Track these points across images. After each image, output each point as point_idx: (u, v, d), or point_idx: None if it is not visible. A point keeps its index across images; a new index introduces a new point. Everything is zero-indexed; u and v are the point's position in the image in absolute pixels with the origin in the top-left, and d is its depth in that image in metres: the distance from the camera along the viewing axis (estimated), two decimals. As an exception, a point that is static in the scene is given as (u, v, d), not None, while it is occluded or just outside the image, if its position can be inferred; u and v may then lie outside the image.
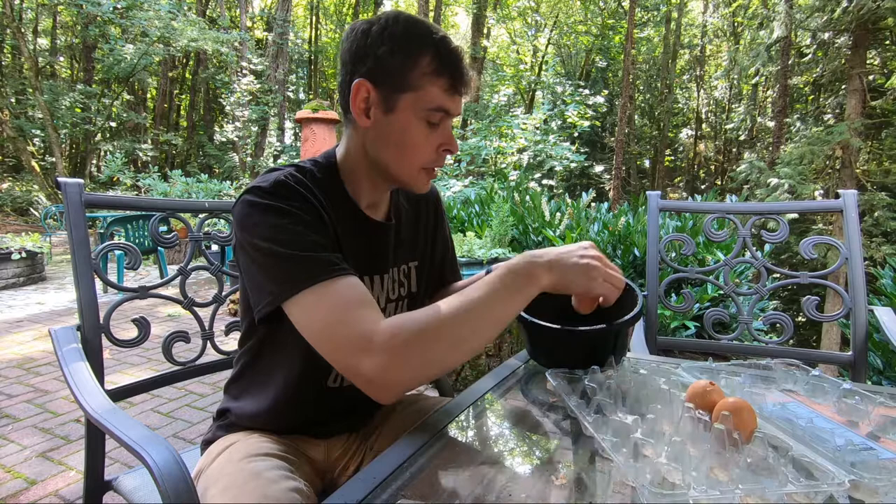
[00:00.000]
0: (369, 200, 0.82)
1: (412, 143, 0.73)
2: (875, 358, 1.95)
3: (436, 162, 0.77)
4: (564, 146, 9.29)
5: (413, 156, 0.75)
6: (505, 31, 20.88)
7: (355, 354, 0.60)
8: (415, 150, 0.74)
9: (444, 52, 0.70)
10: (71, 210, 0.95)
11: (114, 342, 1.01)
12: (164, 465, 0.62)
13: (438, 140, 0.75)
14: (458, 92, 0.73)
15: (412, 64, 0.70)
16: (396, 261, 0.87)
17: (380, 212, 0.85)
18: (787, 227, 1.47)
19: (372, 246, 0.82)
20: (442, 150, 0.76)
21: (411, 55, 0.69)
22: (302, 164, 0.78)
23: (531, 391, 0.80)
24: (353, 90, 0.72)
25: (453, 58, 0.71)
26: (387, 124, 0.73)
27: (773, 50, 9.86)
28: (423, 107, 0.71)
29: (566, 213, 3.40)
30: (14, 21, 11.54)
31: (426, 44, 0.70)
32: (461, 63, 0.72)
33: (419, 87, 0.70)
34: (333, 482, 0.85)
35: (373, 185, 0.81)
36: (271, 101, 14.96)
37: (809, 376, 0.76)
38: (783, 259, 9.26)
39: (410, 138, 0.73)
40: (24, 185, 13.68)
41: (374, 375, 0.59)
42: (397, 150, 0.74)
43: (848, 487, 0.48)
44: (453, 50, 0.71)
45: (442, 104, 0.72)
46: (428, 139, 0.74)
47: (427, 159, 0.75)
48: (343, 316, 0.61)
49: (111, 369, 2.94)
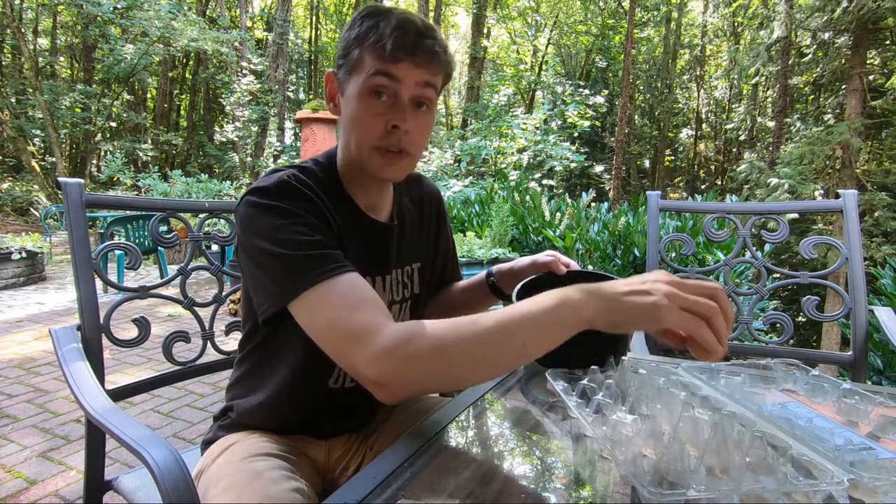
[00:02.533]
0: (367, 201, 0.81)
1: (357, 119, 0.71)
2: (875, 358, 1.95)
3: (386, 140, 0.71)
4: (564, 146, 9.29)
5: (360, 133, 0.71)
6: (505, 31, 20.88)
7: (355, 352, 0.57)
8: (360, 126, 0.71)
9: (388, 22, 0.67)
10: (71, 210, 0.95)
11: (114, 342, 1.01)
12: (164, 465, 0.62)
13: (386, 115, 0.70)
14: (399, 57, 0.67)
15: (356, 38, 0.69)
16: (399, 262, 0.87)
17: (382, 212, 0.84)
18: (787, 227, 1.47)
19: (374, 248, 0.82)
20: (391, 126, 0.70)
21: (358, 34, 0.69)
22: (304, 165, 0.77)
23: (531, 391, 0.80)
24: (325, 82, 0.75)
25: (397, 25, 0.67)
26: (344, 108, 0.73)
27: (773, 50, 9.86)
28: (364, 76, 0.68)
29: (566, 213, 3.40)
30: (14, 21, 11.53)
31: (371, 19, 0.69)
32: (405, 28, 0.67)
33: (361, 59, 0.69)
34: (334, 482, 0.85)
35: (365, 184, 0.80)
36: (271, 101, 14.95)
37: (809, 376, 0.76)
38: (783, 259, 9.26)
39: (356, 115, 0.71)
40: (24, 185, 13.68)
41: (377, 377, 0.56)
42: (350, 131, 0.73)
43: (847, 487, 0.49)
44: (399, 18, 0.68)
45: (379, 67, 0.67)
46: (374, 115, 0.70)
47: (375, 135, 0.70)
48: (345, 313, 0.59)
49: (111, 369, 2.94)
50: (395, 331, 0.57)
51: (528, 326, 0.55)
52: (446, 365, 0.56)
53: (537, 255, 0.95)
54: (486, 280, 0.98)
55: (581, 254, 2.99)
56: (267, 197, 0.67)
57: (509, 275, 0.96)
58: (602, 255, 2.94)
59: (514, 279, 0.94)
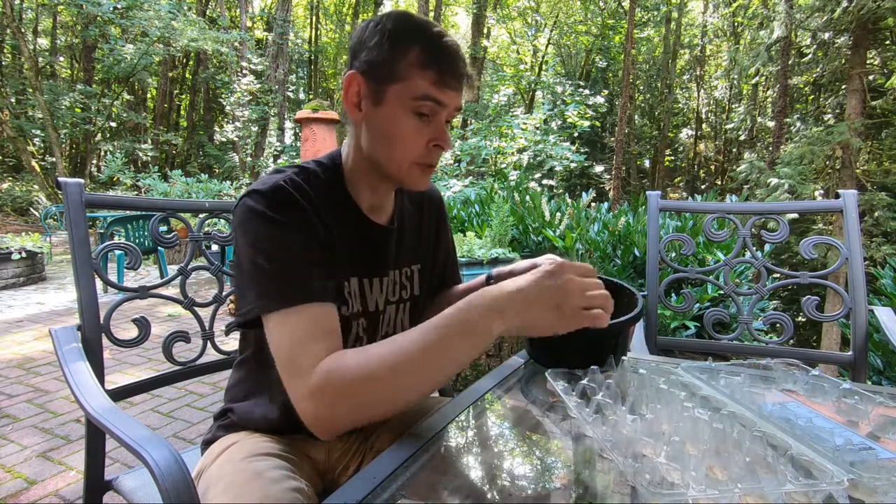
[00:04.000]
0: (371, 202, 0.82)
1: (400, 136, 0.72)
2: (875, 358, 1.95)
3: (427, 157, 0.74)
4: (564, 146, 9.29)
5: (402, 149, 0.73)
6: (505, 31, 20.88)
7: (294, 387, 0.60)
8: (403, 144, 0.73)
9: (433, 43, 0.69)
10: (71, 210, 0.95)
11: (114, 342, 1.01)
12: (164, 465, 0.62)
13: (429, 134, 0.73)
14: (447, 84, 0.71)
15: (400, 55, 0.69)
16: (398, 263, 0.87)
17: (383, 214, 0.84)
18: (787, 227, 1.47)
19: (372, 249, 0.82)
20: (433, 146, 0.74)
21: (400, 46, 0.69)
22: (306, 166, 0.78)
23: (531, 391, 0.80)
24: (346, 83, 0.72)
25: (443, 49, 0.70)
26: (377, 117, 0.73)
27: (773, 50, 9.86)
28: (411, 96, 0.70)
29: (566, 213, 3.40)
30: (14, 21, 11.53)
31: (415, 36, 0.70)
32: (452, 55, 0.70)
33: (406, 77, 0.69)
34: (334, 482, 0.85)
35: (373, 186, 0.80)
36: (271, 101, 14.95)
37: (809, 376, 0.76)
38: (783, 259, 9.26)
39: (398, 130, 0.72)
40: (24, 185, 13.68)
41: (307, 416, 0.59)
42: (387, 144, 0.73)
43: (847, 486, 0.49)
44: (444, 42, 0.70)
45: (429, 93, 0.70)
46: (417, 132, 0.72)
47: (417, 153, 0.73)
48: (294, 346, 0.61)
49: (111, 369, 2.94)
50: (323, 367, 0.59)
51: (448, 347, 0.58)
52: (375, 394, 0.58)
53: (537, 259, 0.95)
54: (485, 283, 0.98)
55: (581, 254, 2.99)
56: (262, 203, 0.67)
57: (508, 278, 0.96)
58: (602, 255, 2.94)
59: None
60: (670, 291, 2.56)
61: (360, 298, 0.81)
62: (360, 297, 0.80)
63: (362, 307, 0.81)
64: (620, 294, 0.90)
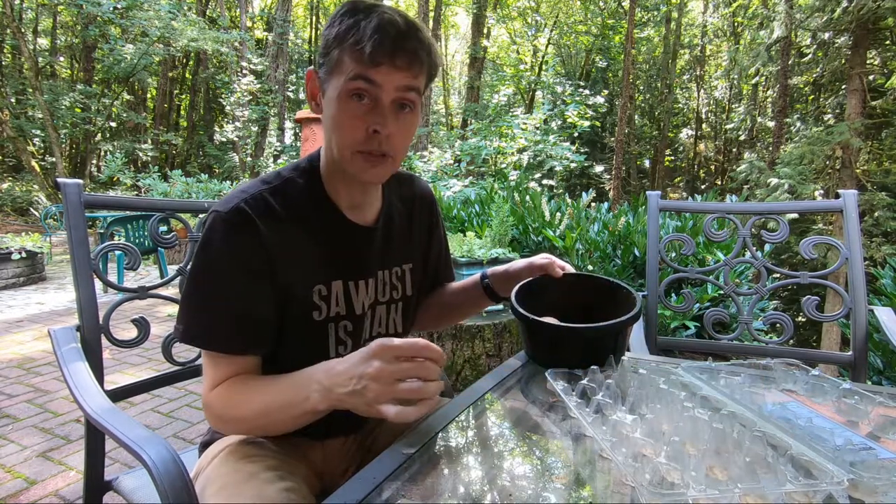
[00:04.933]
0: (349, 201, 0.80)
1: (339, 122, 0.70)
2: (875, 358, 1.95)
3: (367, 144, 0.70)
4: (564, 146, 9.29)
5: (341, 136, 0.71)
6: (505, 31, 20.88)
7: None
8: (341, 129, 0.70)
9: (367, 21, 0.66)
10: (70, 210, 0.95)
11: (113, 342, 1.01)
12: (162, 465, 0.62)
13: (366, 119, 0.69)
14: (380, 59, 0.65)
15: (336, 38, 0.68)
16: (386, 263, 0.86)
17: (365, 213, 0.83)
18: (787, 227, 1.47)
19: (354, 251, 0.80)
20: (372, 131, 0.69)
21: (335, 28, 0.68)
22: (284, 174, 0.78)
23: (531, 391, 0.80)
24: (306, 80, 0.74)
25: (377, 26, 0.65)
26: (325, 108, 0.72)
27: (773, 50, 9.86)
28: (345, 78, 0.67)
29: (566, 213, 3.40)
30: (14, 21, 11.53)
31: (351, 15, 0.67)
32: (385, 29, 0.65)
33: (341, 59, 0.68)
34: (333, 483, 0.85)
35: (345, 184, 0.79)
36: (271, 101, 14.95)
37: (809, 376, 0.76)
38: (783, 259, 9.26)
39: (337, 117, 0.70)
40: (24, 185, 13.68)
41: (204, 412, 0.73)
42: (331, 133, 0.72)
43: (847, 486, 0.48)
44: (380, 18, 0.66)
45: (359, 71, 0.66)
46: (354, 117, 0.69)
47: (355, 139, 0.70)
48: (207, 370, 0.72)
49: (111, 369, 2.94)
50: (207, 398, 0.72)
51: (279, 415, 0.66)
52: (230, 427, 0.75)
53: (533, 258, 0.95)
54: (480, 282, 0.98)
55: (581, 254, 2.99)
56: (216, 229, 0.70)
57: (504, 277, 0.96)
58: (602, 255, 2.94)
59: (508, 282, 0.94)
60: (670, 291, 2.56)
61: (345, 301, 0.79)
62: (344, 300, 0.79)
63: (347, 310, 0.80)
64: (617, 293, 0.90)
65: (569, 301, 0.92)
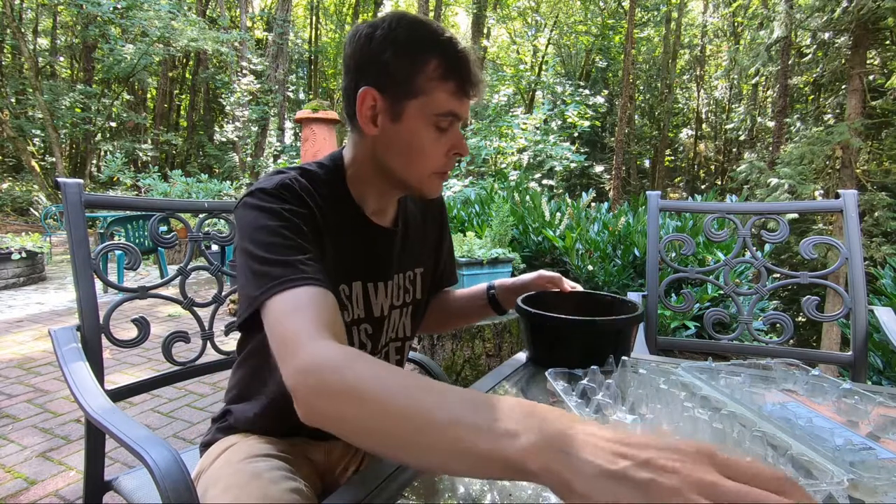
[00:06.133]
0: (376, 206, 0.81)
1: (422, 150, 0.72)
2: (875, 358, 1.95)
3: (446, 166, 0.75)
4: (564, 146, 9.29)
5: (423, 162, 0.73)
6: (505, 31, 20.88)
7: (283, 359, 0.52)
8: (425, 157, 0.72)
9: (451, 54, 0.68)
10: (70, 211, 0.95)
11: (114, 342, 1.01)
12: (163, 466, 0.62)
13: (448, 145, 0.73)
14: (467, 95, 0.71)
15: (418, 69, 0.68)
16: (402, 267, 0.86)
17: (386, 217, 0.83)
18: (787, 227, 1.47)
19: (375, 252, 0.81)
20: (452, 154, 0.74)
21: (417, 60, 0.68)
22: (307, 167, 0.76)
23: (531, 391, 0.80)
24: (360, 99, 0.70)
25: (461, 60, 0.69)
26: (395, 132, 0.71)
27: (773, 50, 9.86)
28: (432, 112, 0.69)
29: (566, 213, 3.40)
30: (14, 21, 11.54)
31: (432, 47, 0.68)
32: (469, 65, 0.70)
33: (426, 92, 0.68)
34: (334, 483, 0.85)
35: (380, 192, 0.79)
36: (271, 101, 14.95)
37: (809, 376, 0.76)
38: (783, 259, 9.27)
39: (420, 145, 0.71)
40: (24, 185, 13.68)
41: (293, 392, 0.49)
42: (407, 158, 0.73)
43: (847, 486, 0.48)
44: (461, 52, 0.69)
45: (450, 109, 0.70)
46: (437, 144, 0.72)
47: (437, 164, 0.74)
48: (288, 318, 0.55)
49: (111, 369, 2.94)
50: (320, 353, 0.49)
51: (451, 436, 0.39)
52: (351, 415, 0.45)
53: (543, 271, 0.96)
54: (486, 292, 0.98)
55: (581, 254, 2.99)
56: (266, 199, 0.66)
57: (511, 290, 0.96)
58: (602, 255, 2.94)
59: (515, 294, 0.95)
60: (670, 291, 2.56)
61: (364, 303, 0.79)
62: (363, 302, 0.79)
63: (366, 312, 0.80)
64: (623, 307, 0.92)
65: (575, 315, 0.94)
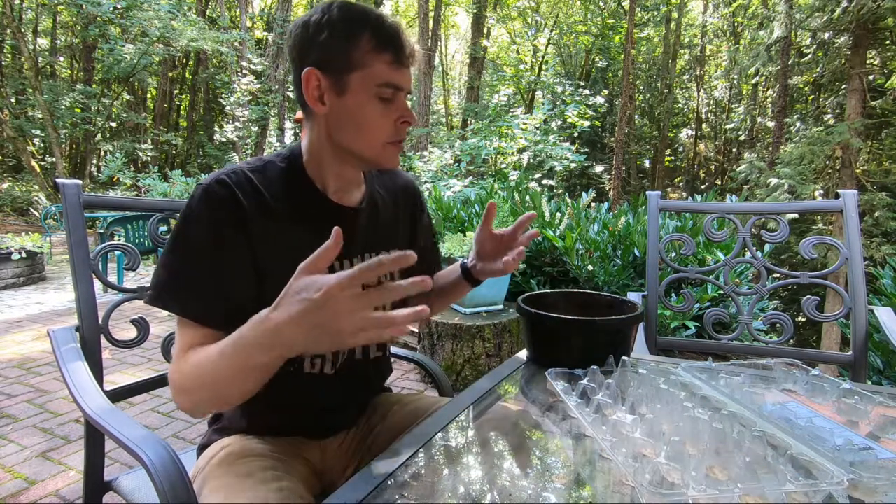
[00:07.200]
0: (337, 185, 0.83)
1: (369, 122, 0.75)
2: (875, 358, 1.95)
3: (397, 135, 0.78)
4: (564, 146, 9.28)
5: (373, 132, 0.76)
6: (505, 31, 20.88)
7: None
8: (374, 127, 0.76)
9: (382, 28, 0.73)
10: (69, 211, 0.95)
11: (113, 343, 1.00)
12: (161, 466, 0.62)
13: (394, 114, 0.76)
14: (404, 64, 0.75)
15: (354, 44, 0.72)
16: (372, 246, 0.87)
17: (350, 197, 0.85)
18: (787, 227, 1.47)
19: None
20: (400, 123, 0.77)
21: (351, 37, 0.72)
22: (265, 157, 0.81)
23: (531, 391, 0.80)
24: (304, 80, 0.74)
25: (392, 32, 0.73)
26: (343, 107, 0.75)
27: (773, 50, 9.86)
28: (373, 83, 0.73)
29: (566, 213, 3.40)
30: (14, 21, 11.53)
31: (364, 24, 0.73)
32: (401, 35, 0.74)
33: (365, 64, 0.73)
34: (333, 483, 0.85)
35: (340, 170, 0.82)
36: (271, 101, 14.94)
37: (809, 376, 0.76)
38: (783, 259, 9.27)
39: (367, 116, 0.75)
40: (24, 185, 13.67)
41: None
42: (357, 130, 0.76)
43: (847, 486, 0.48)
44: (391, 25, 0.74)
45: (389, 79, 0.74)
46: (384, 115, 0.76)
47: (387, 133, 0.77)
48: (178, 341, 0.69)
49: (111, 369, 2.94)
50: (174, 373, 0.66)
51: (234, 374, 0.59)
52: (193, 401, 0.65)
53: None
54: (459, 271, 0.98)
55: (581, 254, 2.98)
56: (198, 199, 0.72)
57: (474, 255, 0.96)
58: (602, 255, 2.94)
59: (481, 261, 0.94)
60: (670, 291, 2.56)
61: None
62: None
63: None
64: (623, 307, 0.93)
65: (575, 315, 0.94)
